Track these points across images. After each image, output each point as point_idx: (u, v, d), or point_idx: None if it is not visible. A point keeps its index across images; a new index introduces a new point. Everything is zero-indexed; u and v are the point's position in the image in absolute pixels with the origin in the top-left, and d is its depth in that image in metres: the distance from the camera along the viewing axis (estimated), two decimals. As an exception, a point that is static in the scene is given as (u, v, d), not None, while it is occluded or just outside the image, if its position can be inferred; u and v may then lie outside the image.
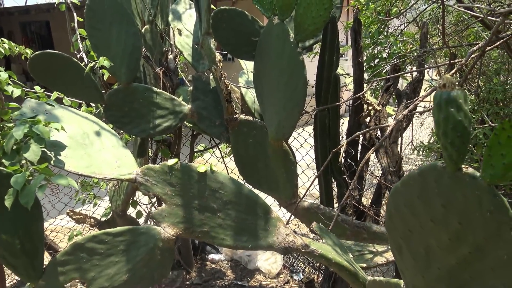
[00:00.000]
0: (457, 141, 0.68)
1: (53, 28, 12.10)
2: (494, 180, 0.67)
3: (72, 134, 1.40)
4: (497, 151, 0.63)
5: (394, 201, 0.88)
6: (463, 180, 0.72)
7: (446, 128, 0.68)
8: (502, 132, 0.62)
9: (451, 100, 0.66)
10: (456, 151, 0.69)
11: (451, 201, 0.74)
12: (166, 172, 1.30)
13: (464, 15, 3.37)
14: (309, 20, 1.64)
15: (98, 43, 2.01)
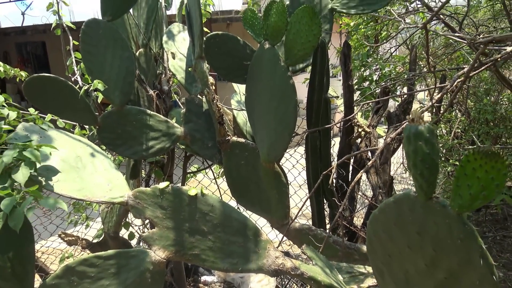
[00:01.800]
0: (426, 172, 0.71)
1: (49, 49, 12.18)
2: (462, 209, 0.70)
3: (65, 157, 1.41)
4: (464, 182, 0.67)
5: (372, 227, 0.91)
6: (434, 209, 0.76)
7: (416, 160, 0.71)
8: (467, 164, 0.65)
9: (419, 134, 0.70)
10: (425, 182, 0.72)
11: (424, 229, 0.77)
12: (158, 195, 1.32)
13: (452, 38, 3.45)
14: (299, 46, 1.69)
15: (93, 67, 2.04)
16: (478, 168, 0.64)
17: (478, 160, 0.64)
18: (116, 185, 1.42)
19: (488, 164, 0.62)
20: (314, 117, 2.11)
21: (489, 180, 0.63)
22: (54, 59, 11.79)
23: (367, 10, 1.83)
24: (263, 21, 1.81)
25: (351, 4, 1.88)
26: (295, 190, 2.78)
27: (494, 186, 0.64)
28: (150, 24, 2.31)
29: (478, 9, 3.93)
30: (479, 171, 0.64)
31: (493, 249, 3.53)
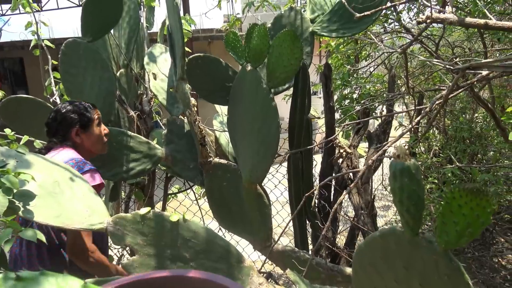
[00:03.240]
0: (413, 209, 0.71)
1: (26, 65, 11.98)
2: (448, 246, 0.70)
3: (42, 183, 1.37)
4: (450, 218, 0.67)
5: (359, 260, 0.90)
6: (420, 245, 0.76)
7: (402, 197, 0.71)
8: (453, 201, 0.65)
9: (404, 170, 0.70)
10: (412, 219, 0.72)
11: (411, 264, 0.77)
12: (138, 221, 1.29)
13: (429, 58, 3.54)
14: (281, 69, 1.70)
15: (72, 87, 2.02)
16: (464, 205, 0.64)
17: (463, 197, 0.64)
18: (95, 210, 1.39)
19: (473, 201, 0.63)
20: (296, 138, 2.11)
21: (475, 218, 0.64)
22: (32, 75, 11.60)
23: (347, 34, 1.86)
24: (245, 44, 1.82)
25: (331, 27, 1.91)
26: (278, 210, 2.77)
27: (479, 223, 0.64)
28: (131, 45, 2.30)
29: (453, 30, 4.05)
30: (465, 208, 0.64)
31: (472, 265, 3.57)
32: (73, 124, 1.68)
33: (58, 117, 1.68)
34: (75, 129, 1.68)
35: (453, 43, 3.76)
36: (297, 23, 2.01)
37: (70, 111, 1.69)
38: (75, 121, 1.68)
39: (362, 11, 1.86)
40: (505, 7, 3.00)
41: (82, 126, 1.70)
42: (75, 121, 1.68)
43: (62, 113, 1.68)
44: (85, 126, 1.71)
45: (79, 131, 1.69)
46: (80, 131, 1.69)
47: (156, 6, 2.67)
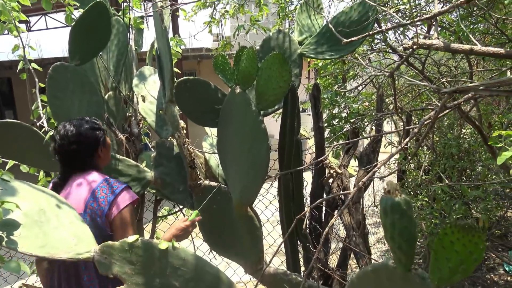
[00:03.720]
0: (404, 245, 0.70)
1: (14, 85, 11.90)
2: (442, 283, 0.69)
3: (27, 211, 1.34)
4: (442, 255, 0.66)
5: (351, 294, 0.89)
6: (413, 281, 0.74)
7: (393, 233, 0.70)
8: (444, 237, 0.65)
9: (395, 206, 0.69)
10: (404, 255, 0.71)
11: (405, 299, 0.76)
12: (126, 249, 1.26)
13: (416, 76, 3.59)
14: (270, 91, 1.70)
15: (59, 111, 2.00)
16: (456, 242, 0.63)
17: (455, 233, 0.63)
18: (82, 239, 1.36)
19: (465, 237, 0.62)
20: (286, 158, 2.11)
21: (467, 254, 0.63)
22: (20, 95, 11.51)
23: (335, 56, 1.88)
24: (234, 66, 1.83)
25: (319, 49, 1.93)
26: (269, 231, 2.74)
27: (472, 259, 0.63)
28: (120, 67, 2.30)
29: (438, 49, 4.11)
30: (457, 245, 0.63)
31: (465, 283, 3.56)
32: (98, 142, 1.61)
33: (81, 139, 1.57)
34: (100, 148, 1.61)
35: (439, 61, 3.83)
36: (285, 45, 2.02)
37: (90, 129, 1.59)
38: (99, 137, 1.61)
39: (348, 34, 1.89)
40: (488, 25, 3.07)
41: (103, 142, 1.63)
42: (99, 137, 1.61)
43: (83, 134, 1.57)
44: (105, 140, 1.65)
45: (102, 148, 1.63)
46: (102, 147, 1.63)
47: (145, 28, 2.68)
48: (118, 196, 1.49)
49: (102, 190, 1.49)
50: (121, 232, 1.46)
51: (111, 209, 1.47)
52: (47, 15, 11.76)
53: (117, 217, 1.47)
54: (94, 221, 1.46)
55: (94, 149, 1.60)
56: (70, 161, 1.59)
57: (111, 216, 1.47)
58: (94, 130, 1.61)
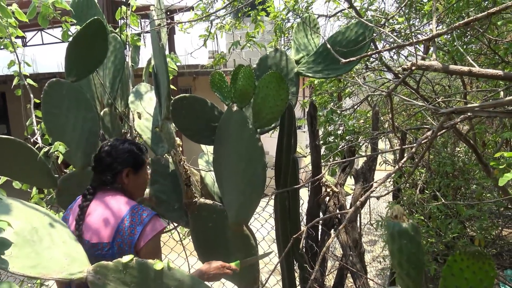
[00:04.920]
0: (412, 272, 0.69)
1: (8, 100, 11.85)
2: None
3: (19, 230, 1.31)
4: (452, 282, 0.65)
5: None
6: None
7: (401, 259, 0.69)
8: (454, 264, 0.63)
9: (403, 232, 0.68)
10: (412, 282, 0.70)
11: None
12: (120, 270, 1.23)
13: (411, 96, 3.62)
14: (267, 110, 1.70)
15: (54, 128, 1.98)
16: (466, 269, 0.62)
17: (464, 260, 0.62)
18: (75, 258, 1.32)
19: (475, 265, 0.61)
20: (282, 176, 2.10)
21: (478, 282, 0.61)
22: (13, 110, 11.45)
23: (332, 75, 1.89)
24: (231, 84, 1.83)
25: (316, 68, 1.94)
26: (264, 250, 2.71)
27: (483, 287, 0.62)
28: (116, 84, 2.29)
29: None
30: (467, 272, 0.62)
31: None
32: (127, 164, 1.60)
33: (113, 153, 1.59)
34: (127, 170, 1.60)
35: (433, 79, 3.87)
36: (282, 64, 2.03)
37: (127, 150, 1.61)
38: (130, 160, 1.61)
39: (345, 54, 1.91)
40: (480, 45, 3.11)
41: (134, 167, 1.62)
42: (130, 160, 1.61)
43: (118, 149, 1.60)
44: (137, 168, 1.64)
45: (130, 172, 1.61)
46: (131, 172, 1.61)
47: (141, 45, 2.68)
48: (147, 226, 1.45)
49: (132, 219, 1.46)
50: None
51: (139, 239, 1.44)
52: (43, 31, 11.80)
53: (144, 247, 1.44)
54: (121, 250, 1.43)
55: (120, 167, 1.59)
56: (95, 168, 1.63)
57: (139, 246, 1.44)
58: (129, 152, 1.61)
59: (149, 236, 1.44)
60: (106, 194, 1.56)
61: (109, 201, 1.53)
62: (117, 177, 1.59)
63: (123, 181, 1.60)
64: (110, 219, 1.47)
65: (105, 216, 1.48)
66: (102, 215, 1.49)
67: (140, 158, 1.64)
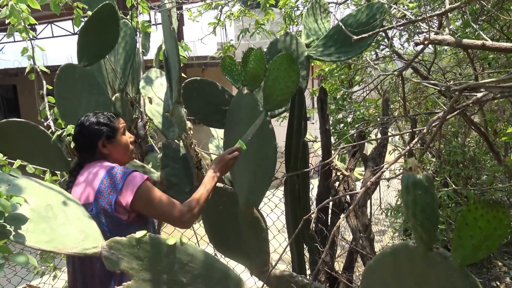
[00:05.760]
0: (427, 223, 0.69)
1: (19, 92, 11.99)
2: (465, 261, 0.67)
3: (35, 207, 1.34)
4: (466, 232, 0.65)
5: (367, 279, 0.87)
6: (434, 260, 0.73)
7: (415, 210, 0.69)
8: (468, 214, 0.63)
9: (417, 183, 0.68)
10: (426, 233, 0.70)
11: (424, 280, 0.74)
12: (134, 245, 1.25)
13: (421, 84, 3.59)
14: (278, 92, 1.70)
15: (66, 112, 2.01)
16: (480, 218, 0.62)
17: (479, 209, 0.62)
18: (89, 235, 1.35)
19: (489, 213, 0.61)
20: (292, 161, 2.11)
21: (492, 230, 0.61)
22: (24, 102, 11.58)
23: (343, 58, 1.89)
24: (241, 68, 1.83)
25: (327, 52, 1.93)
26: (274, 235, 2.73)
27: (497, 236, 0.62)
28: (127, 69, 2.31)
29: (443, 56, 4.12)
30: (481, 221, 0.62)
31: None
32: (99, 136, 1.64)
33: (83, 131, 1.65)
34: (101, 141, 1.65)
35: (444, 68, 3.83)
36: (292, 48, 2.03)
37: (94, 123, 1.65)
38: (100, 132, 1.65)
39: (357, 36, 1.90)
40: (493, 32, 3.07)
41: (107, 137, 1.66)
42: (100, 132, 1.65)
43: (86, 126, 1.65)
44: (111, 137, 1.67)
45: (105, 143, 1.66)
46: (106, 142, 1.66)
47: (152, 31, 2.70)
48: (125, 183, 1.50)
49: (111, 179, 1.52)
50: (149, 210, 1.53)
51: (122, 195, 1.48)
52: (53, 23, 11.88)
53: (136, 200, 1.49)
54: (103, 209, 1.48)
55: (93, 142, 1.64)
56: (76, 148, 1.70)
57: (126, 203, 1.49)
58: (97, 125, 1.65)
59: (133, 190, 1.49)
60: (91, 164, 1.63)
61: (93, 167, 1.60)
62: (95, 151, 1.65)
63: (102, 152, 1.66)
64: (92, 181, 1.54)
65: (89, 179, 1.56)
66: (86, 180, 1.57)
67: (109, 126, 1.67)
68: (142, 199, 1.51)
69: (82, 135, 1.66)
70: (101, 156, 1.66)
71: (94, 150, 1.66)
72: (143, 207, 1.53)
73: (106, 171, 1.55)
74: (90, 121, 1.66)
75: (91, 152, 1.66)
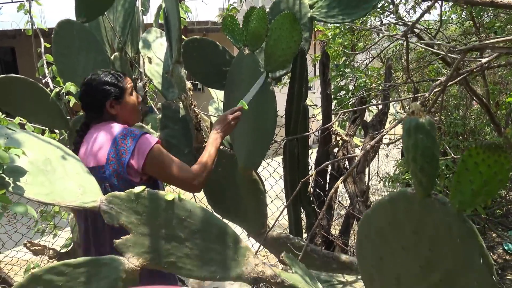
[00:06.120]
0: (427, 167, 0.68)
1: (18, 55, 11.83)
2: (463, 206, 0.67)
3: (33, 160, 1.34)
4: (465, 177, 0.64)
5: (364, 228, 0.87)
6: (432, 206, 0.73)
7: (415, 154, 0.68)
8: (469, 159, 0.63)
9: (419, 126, 0.67)
10: (425, 177, 0.70)
11: (421, 228, 0.74)
12: (132, 200, 1.26)
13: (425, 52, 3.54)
14: (279, 52, 1.68)
15: (65, 69, 1.98)
16: (481, 163, 0.61)
17: (480, 154, 0.61)
18: (88, 189, 1.35)
19: (491, 158, 0.60)
20: (292, 125, 2.10)
21: (492, 175, 0.61)
22: (23, 65, 11.45)
23: (347, 20, 1.84)
24: (243, 27, 1.79)
25: (330, 13, 1.89)
26: (272, 199, 2.75)
27: (497, 181, 0.61)
28: (126, 28, 2.26)
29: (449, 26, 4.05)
30: (482, 166, 0.61)
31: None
32: (106, 97, 1.58)
33: (90, 91, 1.58)
34: (109, 102, 1.58)
35: (450, 37, 3.77)
36: (295, 8, 1.98)
37: (102, 83, 1.58)
38: (108, 93, 1.58)
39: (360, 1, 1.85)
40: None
41: (115, 98, 1.59)
42: (108, 93, 1.58)
43: (93, 86, 1.58)
44: (118, 97, 1.61)
45: (113, 103, 1.59)
46: (114, 102, 1.59)
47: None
48: (137, 146, 1.47)
49: (122, 141, 1.48)
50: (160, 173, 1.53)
51: (134, 158, 1.46)
52: (52, -16, 11.58)
53: (148, 163, 1.48)
54: (115, 171, 1.46)
55: (101, 103, 1.58)
56: (82, 108, 1.63)
57: (138, 165, 1.47)
58: (104, 84, 1.58)
59: (144, 153, 1.47)
60: (99, 125, 1.59)
61: (102, 129, 1.56)
62: (102, 111, 1.59)
63: (110, 112, 1.60)
64: (103, 143, 1.50)
65: (99, 141, 1.52)
66: (96, 141, 1.53)
67: (117, 86, 1.60)
68: (153, 162, 1.49)
69: (88, 95, 1.59)
70: (109, 117, 1.60)
71: (102, 111, 1.59)
72: (154, 170, 1.51)
73: (116, 133, 1.51)
74: (97, 80, 1.59)
75: (99, 113, 1.60)
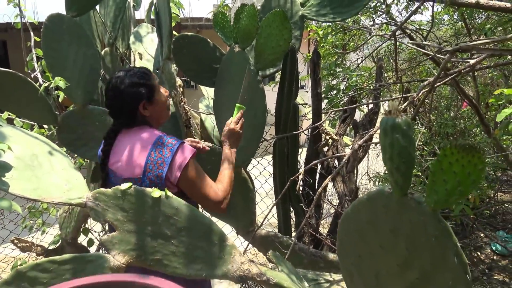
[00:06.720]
0: (403, 166, 0.69)
1: (9, 48, 11.69)
2: (438, 205, 0.68)
3: (20, 155, 1.33)
4: (440, 177, 0.65)
5: (344, 227, 0.88)
6: (408, 205, 0.73)
7: (392, 154, 0.69)
8: (444, 159, 0.64)
9: (396, 126, 0.68)
10: (401, 177, 0.70)
11: (398, 227, 0.75)
12: (119, 196, 1.25)
13: (416, 52, 3.56)
14: (269, 50, 1.68)
15: (54, 63, 1.96)
16: (455, 163, 0.62)
17: (455, 154, 0.62)
18: (74, 185, 1.35)
19: (465, 158, 0.61)
20: (282, 123, 2.10)
21: (466, 175, 0.62)
22: (14, 58, 11.31)
23: (337, 19, 1.85)
24: (233, 24, 1.79)
25: (321, 11, 1.89)
26: (262, 198, 2.75)
27: (470, 181, 0.62)
28: (117, 23, 2.25)
29: (440, 27, 4.08)
30: (456, 166, 0.62)
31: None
32: (139, 100, 1.44)
33: (119, 96, 1.43)
34: (142, 104, 1.45)
35: (441, 37, 3.79)
36: (287, 6, 1.98)
37: (130, 85, 1.44)
38: (140, 94, 1.44)
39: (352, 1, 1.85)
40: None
41: (147, 98, 1.46)
42: (140, 94, 1.44)
43: (122, 90, 1.43)
44: (150, 97, 1.48)
45: (146, 105, 1.46)
46: (147, 104, 1.46)
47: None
48: (175, 157, 1.38)
49: (159, 151, 1.38)
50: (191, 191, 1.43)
51: (171, 170, 1.37)
52: (44, -22, 11.46)
53: (182, 179, 1.39)
54: (153, 183, 1.37)
55: (133, 106, 1.45)
56: (111, 114, 1.49)
57: (174, 178, 1.38)
58: (134, 86, 1.44)
59: (181, 167, 1.38)
60: (131, 131, 1.47)
61: (134, 137, 1.44)
62: (135, 115, 1.46)
63: (143, 114, 1.47)
64: (138, 154, 1.39)
65: (133, 151, 1.40)
66: (130, 150, 1.41)
67: (147, 85, 1.47)
68: (188, 179, 1.40)
69: (119, 100, 1.44)
70: (141, 119, 1.48)
71: (134, 115, 1.45)
72: (186, 185, 1.42)
73: (153, 142, 1.39)
74: (125, 83, 1.44)
75: (131, 118, 1.46)
